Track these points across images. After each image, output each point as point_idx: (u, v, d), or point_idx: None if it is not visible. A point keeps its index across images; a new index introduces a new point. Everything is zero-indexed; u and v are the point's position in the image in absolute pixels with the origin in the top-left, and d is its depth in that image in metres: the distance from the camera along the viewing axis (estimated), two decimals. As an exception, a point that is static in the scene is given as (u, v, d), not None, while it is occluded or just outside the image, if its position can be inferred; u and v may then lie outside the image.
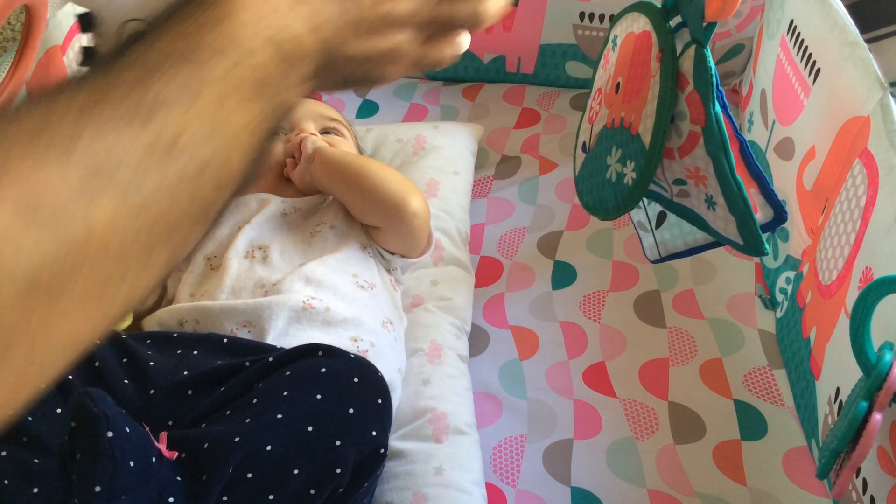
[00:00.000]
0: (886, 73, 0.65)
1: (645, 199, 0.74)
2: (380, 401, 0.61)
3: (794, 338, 0.77)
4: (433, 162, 0.99)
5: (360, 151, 0.95)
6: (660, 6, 0.63)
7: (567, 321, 0.86)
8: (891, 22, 0.89)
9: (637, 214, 0.76)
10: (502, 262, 0.94)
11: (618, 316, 0.86)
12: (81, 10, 0.55)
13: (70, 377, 0.59)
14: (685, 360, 0.81)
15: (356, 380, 0.60)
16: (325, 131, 0.88)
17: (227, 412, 0.59)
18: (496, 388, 0.80)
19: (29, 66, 0.75)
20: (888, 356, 0.51)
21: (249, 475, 0.54)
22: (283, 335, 0.68)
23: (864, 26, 0.73)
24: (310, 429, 0.56)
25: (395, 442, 0.71)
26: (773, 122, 0.86)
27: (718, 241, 0.66)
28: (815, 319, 0.72)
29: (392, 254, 0.81)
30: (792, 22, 0.82)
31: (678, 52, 0.59)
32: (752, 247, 0.59)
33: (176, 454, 0.55)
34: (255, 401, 0.58)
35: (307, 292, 0.70)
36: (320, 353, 0.62)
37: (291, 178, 0.83)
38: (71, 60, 0.82)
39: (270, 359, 0.62)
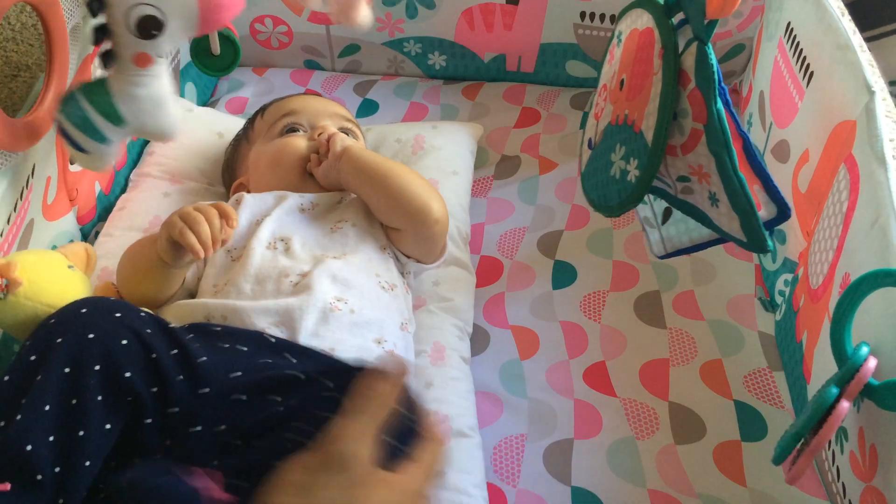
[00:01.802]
0: (886, 71, 0.65)
1: (651, 196, 0.74)
2: None
3: (790, 341, 0.77)
4: (432, 162, 0.98)
5: None
6: (662, 2, 0.63)
7: (567, 321, 0.86)
8: (892, 20, 0.89)
9: (643, 210, 0.76)
10: (502, 261, 0.93)
11: (618, 316, 0.86)
12: None
13: (128, 374, 0.55)
14: (685, 361, 0.81)
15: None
16: (343, 131, 0.88)
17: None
18: (497, 387, 0.80)
19: (66, 72, 0.74)
20: (864, 349, 0.51)
21: None
22: (314, 336, 0.67)
23: (864, 25, 0.73)
24: None
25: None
26: (771, 124, 0.86)
27: (723, 238, 0.66)
28: (806, 323, 0.71)
29: (408, 257, 0.81)
30: (789, 24, 0.82)
31: (680, 50, 0.59)
32: (755, 243, 0.59)
33: (228, 496, 0.53)
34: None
35: (334, 292, 0.70)
36: None
37: (315, 174, 0.83)
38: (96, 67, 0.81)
39: (332, 392, 0.58)
